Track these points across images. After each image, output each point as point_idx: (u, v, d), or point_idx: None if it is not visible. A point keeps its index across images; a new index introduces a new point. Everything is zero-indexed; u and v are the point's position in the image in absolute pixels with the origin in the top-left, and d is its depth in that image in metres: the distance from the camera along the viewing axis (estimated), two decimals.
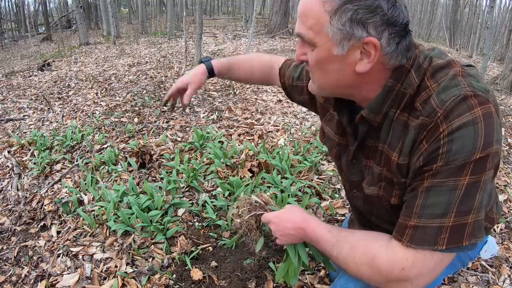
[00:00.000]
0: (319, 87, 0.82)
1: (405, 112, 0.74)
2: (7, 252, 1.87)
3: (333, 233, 0.83)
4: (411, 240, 0.71)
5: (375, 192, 0.84)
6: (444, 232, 0.68)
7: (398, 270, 0.71)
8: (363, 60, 0.70)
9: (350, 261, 0.78)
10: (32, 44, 13.53)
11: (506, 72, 5.53)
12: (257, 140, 3.01)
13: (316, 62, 0.75)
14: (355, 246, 0.78)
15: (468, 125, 0.64)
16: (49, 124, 3.78)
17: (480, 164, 0.65)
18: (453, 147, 0.65)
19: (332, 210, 2.01)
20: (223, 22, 17.77)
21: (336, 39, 0.69)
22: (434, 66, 0.72)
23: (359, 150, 0.86)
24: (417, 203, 0.71)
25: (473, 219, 0.68)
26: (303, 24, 0.72)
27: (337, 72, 0.74)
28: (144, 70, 6.07)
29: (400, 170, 0.76)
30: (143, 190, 2.21)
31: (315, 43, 0.72)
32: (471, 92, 0.66)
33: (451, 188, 0.67)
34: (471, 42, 14.90)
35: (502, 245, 1.85)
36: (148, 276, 1.60)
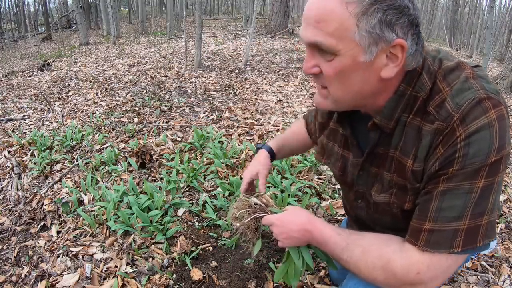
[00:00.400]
0: (335, 100, 0.75)
1: (418, 116, 0.72)
2: (7, 252, 1.87)
3: (342, 236, 0.80)
4: (426, 244, 0.70)
5: (386, 199, 0.82)
6: (459, 235, 0.68)
7: (413, 274, 0.70)
8: (389, 64, 0.67)
9: (362, 265, 0.76)
10: (32, 44, 13.53)
11: (506, 72, 5.54)
12: (257, 140, 3.01)
13: (336, 72, 0.68)
14: (368, 250, 0.76)
15: (484, 129, 0.64)
16: (49, 124, 3.78)
17: (494, 166, 0.65)
18: (470, 150, 0.65)
19: (332, 210, 2.01)
20: (223, 22, 17.77)
21: (364, 44, 0.64)
22: (444, 69, 0.71)
23: (367, 159, 0.84)
24: (432, 206, 0.70)
25: (486, 220, 0.68)
26: (319, 30, 0.65)
27: (361, 81, 0.69)
28: (144, 70, 6.07)
29: (415, 176, 0.75)
30: (143, 190, 2.21)
31: (337, 51, 0.65)
32: (485, 94, 0.66)
33: (466, 191, 0.66)
34: (471, 42, 14.90)
35: (502, 245, 1.85)
36: (148, 276, 1.60)
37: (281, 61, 6.54)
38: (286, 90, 4.69)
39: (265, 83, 5.05)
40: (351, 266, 0.79)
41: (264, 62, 6.51)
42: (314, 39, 0.66)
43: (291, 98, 4.34)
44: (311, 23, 0.66)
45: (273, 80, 5.18)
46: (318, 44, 0.66)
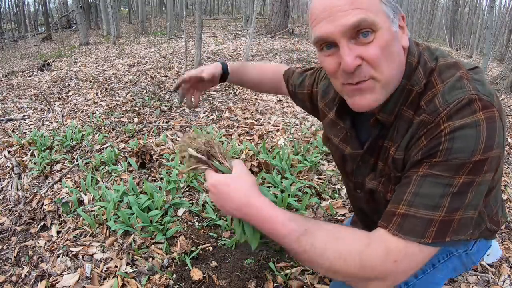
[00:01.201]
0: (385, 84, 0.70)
1: (411, 109, 0.74)
2: (7, 252, 1.87)
3: (298, 222, 0.69)
4: (398, 229, 0.68)
5: (374, 186, 0.83)
6: (433, 226, 0.67)
7: (391, 262, 0.67)
8: (403, 34, 0.73)
9: (331, 251, 0.67)
10: (32, 44, 13.53)
11: (506, 72, 5.53)
12: (257, 140, 3.01)
13: (383, 48, 0.67)
14: (337, 236, 0.69)
15: (470, 127, 0.64)
16: (49, 124, 3.78)
17: (478, 166, 0.65)
18: (454, 145, 0.65)
19: (332, 210, 2.01)
20: (223, 22, 17.77)
21: (391, 15, 0.68)
22: (440, 66, 0.73)
23: (367, 152, 0.85)
24: (409, 190, 0.69)
25: (459, 217, 0.67)
26: (357, 9, 0.64)
27: (398, 53, 0.71)
28: (144, 70, 6.07)
29: (395, 164, 0.76)
30: (143, 190, 2.21)
31: (377, 25, 0.66)
32: (476, 96, 0.66)
33: (446, 183, 0.66)
34: (471, 42, 14.90)
35: (502, 245, 1.85)
36: (148, 276, 1.60)
37: (281, 61, 6.54)
38: None
39: None
40: (311, 256, 0.68)
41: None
42: (357, 19, 0.64)
43: None
44: (345, 9, 0.65)
45: None
46: (362, 22, 0.64)
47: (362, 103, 0.72)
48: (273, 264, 1.62)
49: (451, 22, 17.82)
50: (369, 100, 0.71)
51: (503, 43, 15.64)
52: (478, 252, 0.95)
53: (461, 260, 0.94)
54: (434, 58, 0.75)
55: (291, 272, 1.59)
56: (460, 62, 0.73)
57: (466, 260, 0.95)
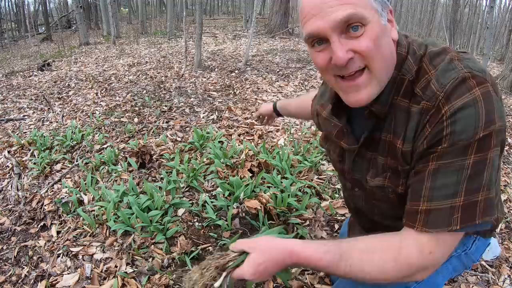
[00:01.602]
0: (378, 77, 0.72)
1: (406, 98, 0.74)
2: (7, 252, 1.87)
3: (331, 251, 0.74)
4: (425, 225, 0.70)
5: (380, 183, 0.82)
6: (456, 212, 0.68)
7: (427, 255, 0.70)
8: (392, 27, 0.74)
9: (368, 266, 0.72)
10: (32, 44, 13.53)
11: (506, 72, 5.53)
12: (257, 140, 3.01)
13: (373, 40, 0.69)
14: (369, 249, 0.73)
15: (469, 105, 0.65)
16: (49, 124, 3.78)
17: (484, 142, 0.66)
18: (456, 128, 0.66)
19: (332, 210, 2.01)
20: (223, 22, 17.77)
21: (379, 9, 0.70)
22: (430, 53, 0.74)
23: (363, 146, 0.85)
24: (425, 186, 0.70)
25: (483, 197, 0.68)
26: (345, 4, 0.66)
27: (389, 45, 0.73)
28: (144, 70, 6.07)
29: (404, 157, 0.76)
30: (143, 190, 2.21)
31: (366, 19, 0.68)
32: (469, 73, 0.67)
33: (458, 168, 0.67)
34: (471, 42, 14.90)
35: (502, 245, 1.85)
36: (148, 276, 1.60)
37: (281, 61, 6.54)
38: (286, 90, 4.69)
39: (265, 83, 5.05)
40: (354, 275, 0.73)
41: (264, 62, 6.51)
42: (346, 14, 0.66)
43: (291, 98, 4.34)
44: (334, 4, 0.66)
45: (273, 80, 5.18)
46: (351, 17, 0.66)
47: (357, 99, 0.74)
48: None
49: (451, 22, 17.82)
50: (364, 95, 0.73)
51: (503, 43, 15.66)
52: (477, 250, 0.95)
53: (460, 260, 0.94)
54: (424, 46, 0.77)
55: (291, 272, 1.59)
56: (448, 47, 0.75)
57: (465, 259, 0.95)
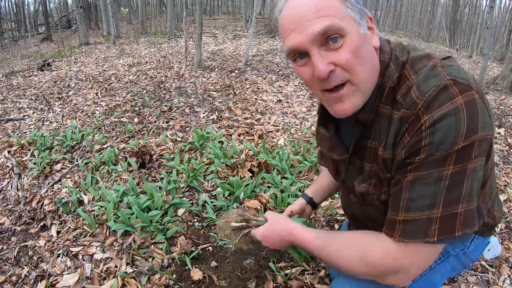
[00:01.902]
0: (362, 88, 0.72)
1: (388, 105, 0.74)
2: (7, 252, 1.87)
3: (320, 238, 0.85)
4: (402, 235, 0.71)
5: (364, 189, 0.83)
6: (434, 224, 0.67)
7: (390, 260, 0.72)
8: (373, 35, 0.74)
9: (341, 259, 0.80)
10: (32, 44, 13.53)
11: (506, 72, 5.53)
12: (257, 140, 3.01)
13: (353, 52, 0.68)
14: (344, 244, 0.81)
15: (450, 115, 0.63)
16: (49, 124, 3.78)
17: (463, 153, 0.64)
18: (435, 139, 0.64)
19: (332, 210, 2.01)
20: (223, 22, 17.77)
21: (358, 19, 0.70)
22: (411, 58, 0.74)
23: (353, 154, 0.85)
24: (403, 197, 0.70)
25: (463, 209, 0.67)
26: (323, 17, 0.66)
27: (370, 53, 0.73)
28: (144, 70, 6.07)
29: (385, 164, 0.75)
30: (143, 190, 2.21)
31: (344, 30, 0.67)
32: (451, 80, 0.65)
33: (436, 179, 0.66)
34: (471, 42, 14.90)
35: (502, 245, 1.85)
36: (148, 276, 1.60)
37: (281, 61, 6.54)
38: (286, 90, 4.69)
39: (265, 83, 5.05)
40: (332, 263, 0.83)
41: (264, 62, 6.51)
42: (323, 26, 0.66)
43: (291, 98, 4.34)
44: (311, 18, 0.67)
45: (273, 80, 5.18)
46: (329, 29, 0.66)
47: (342, 109, 0.75)
48: (273, 264, 1.62)
49: (451, 22, 17.82)
50: (349, 105, 0.74)
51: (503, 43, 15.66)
52: (476, 249, 0.94)
53: (459, 259, 0.94)
54: (406, 51, 0.76)
55: (291, 272, 1.59)
56: (432, 53, 0.74)
57: (464, 259, 0.95)
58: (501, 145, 3.14)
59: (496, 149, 3.00)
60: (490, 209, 0.88)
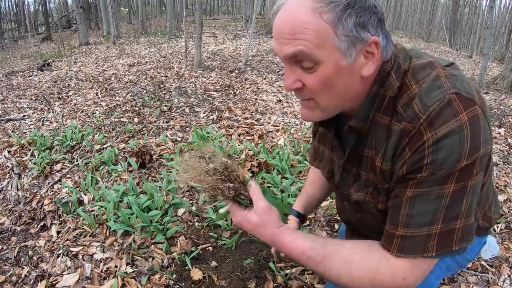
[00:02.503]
0: (324, 109, 0.74)
1: (387, 115, 0.72)
2: (7, 252, 1.87)
3: (316, 249, 0.76)
4: (400, 250, 0.70)
5: (361, 197, 0.82)
6: (432, 240, 0.67)
7: (400, 281, 0.71)
8: (368, 63, 0.68)
9: (345, 277, 0.75)
10: (32, 44, 13.53)
11: (506, 72, 5.54)
12: (257, 140, 3.01)
13: (322, 82, 0.68)
14: (350, 261, 0.74)
15: (454, 133, 0.62)
16: (49, 124, 3.78)
17: (466, 171, 0.64)
18: (438, 157, 0.63)
19: (332, 210, 2.01)
20: (223, 22, 17.78)
21: (343, 48, 0.65)
22: (414, 67, 0.71)
23: (348, 160, 0.84)
24: (403, 212, 0.69)
25: (461, 224, 0.67)
26: (298, 41, 0.64)
27: (346, 84, 0.70)
28: (144, 70, 6.07)
29: (383, 175, 0.74)
30: (143, 190, 2.21)
31: (319, 59, 0.65)
32: (455, 94, 0.63)
33: (436, 197, 0.65)
34: (471, 42, 14.90)
35: (502, 245, 1.85)
36: (148, 276, 1.60)
37: (281, 61, 6.54)
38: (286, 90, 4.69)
39: (265, 83, 5.05)
40: (330, 278, 0.77)
41: (264, 62, 6.51)
42: (294, 50, 0.65)
43: (291, 98, 4.34)
44: (287, 38, 0.65)
45: (273, 80, 5.18)
46: (299, 54, 0.65)
47: (304, 116, 0.78)
48: (273, 264, 1.62)
49: (451, 22, 17.83)
50: (309, 115, 0.77)
51: (503, 43, 15.67)
52: (472, 249, 0.94)
53: (454, 259, 0.93)
54: (408, 58, 0.73)
55: (291, 272, 1.59)
56: (435, 60, 0.71)
57: (460, 258, 0.94)
58: (501, 145, 3.14)
59: (496, 149, 3.00)
60: (486, 212, 0.88)
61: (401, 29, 23.87)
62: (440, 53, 12.29)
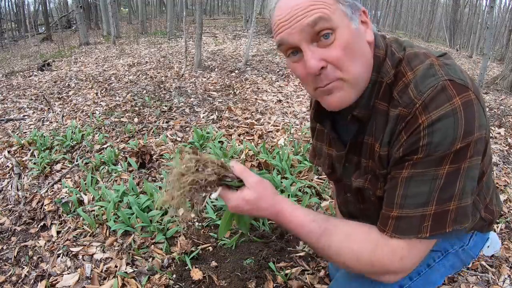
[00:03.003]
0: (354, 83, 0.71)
1: (384, 101, 0.74)
2: (7, 252, 1.87)
3: (317, 222, 0.76)
4: (395, 231, 0.72)
5: (361, 184, 0.83)
6: (427, 220, 0.69)
7: (397, 260, 0.72)
8: (366, 30, 0.73)
9: (346, 251, 0.74)
10: (32, 44, 13.53)
11: (506, 72, 5.54)
12: (257, 140, 3.01)
13: (344, 48, 0.68)
14: (352, 235, 0.75)
15: (448, 116, 0.64)
16: (49, 124, 3.78)
17: (460, 153, 0.65)
18: (433, 139, 0.65)
19: (332, 210, 2.01)
20: (223, 22, 17.78)
21: (349, 13, 0.69)
22: (408, 55, 0.73)
23: (349, 151, 0.85)
24: (398, 193, 0.71)
25: (455, 206, 0.69)
26: (313, 11, 0.67)
27: (362, 49, 0.72)
28: (144, 70, 6.07)
29: (381, 161, 0.76)
30: (143, 190, 2.21)
31: (336, 25, 0.68)
32: (448, 81, 0.66)
33: (431, 178, 0.67)
34: (471, 42, 14.91)
35: (502, 245, 1.85)
36: (148, 276, 1.60)
37: (281, 61, 6.54)
38: (286, 90, 4.69)
39: (265, 83, 5.05)
40: (330, 253, 0.76)
41: (264, 62, 6.51)
42: (313, 18, 0.66)
43: (291, 98, 4.34)
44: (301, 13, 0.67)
45: (273, 80, 5.18)
46: (318, 21, 0.66)
47: (333, 101, 0.74)
48: (273, 264, 1.62)
49: (451, 22, 17.83)
50: (339, 98, 0.73)
51: (503, 43, 15.67)
52: (475, 246, 0.94)
53: (458, 256, 0.93)
54: (402, 48, 0.76)
55: (291, 272, 1.59)
56: (428, 51, 0.74)
57: (463, 256, 0.94)
58: (501, 145, 3.14)
59: (496, 149, 3.00)
60: (488, 204, 0.88)
61: (401, 29, 23.87)
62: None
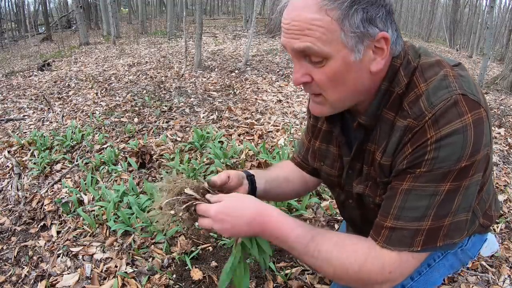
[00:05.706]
0: (333, 105, 0.74)
1: (392, 111, 0.72)
2: (7, 252, 1.87)
3: (305, 227, 0.74)
4: (386, 241, 0.70)
5: (361, 190, 0.82)
6: (420, 235, 0.68)
7: (386, 273, 0.70)
8: (376, 58, 0.68)
9: (335, 259, 0.72)
10: (32, 44, 13.52)
11: (506, 72, 5.54)
12: (257, 140, 3.01)
13: (331, 77, 0.68)
14: (342, 243, 0.73)
15: (458, 133, 0.62)
16: (49, 124, 3.78)
17: (464, 171, 0.64)
18: (440, 154, 0.64)
19: (332, 210, 2.01)
20: (223, 22, 17.78)
21: (351, 44, 0.65)
22: (422, 65, 0.71)
23: (354, 158, 0.84)
24: (395, 204, 0.70)
25: (449, 222, 0.68)
26: (306, 37, 0.65)
27: (355, 80, 0.69)
28: (144, 70, 6.07)
29: (382, 170, 0.75)
30: (143, 190, 2.21)
31: (327, 55, 0.65)
32: (462, 95, 0.64)
33: (431, 193, 0.66)
34: (471, 42, 14.90)
35: (502, 245, 1.85)
36: (148, 276, 1.60)
37: (281, 61, 6.55)
38: (286, 90, 4.69)
39: (265, 83, 5.05)
40: (318, 262, 0.73)
41: (264, 62, 6.51)
42: (302, 46, 0.65)
43: (291, 98, 4.34)
44: (296, 33, 0.66)
45: (273, 80, 5.18)
46: (307, 50, 0.66)
47: (314, 109, 0.78)
48: (273, 264, 1.62)
49: (451, 22, 17.83)
50: (320, 109, 0.77)
51: (503, 43, 15.68)
52: (473, 246, 0.94)
53: (457, 256, 0.94)
54: (417, 56, 0.73)
55: (291, 272, 1.59)
56: (443, 60, 0.72)
57: (462, 256, 0.95)
58: (501, 145, 3.14)
59: (496, 149, 3.00)
60: (487, 211, 0.88)
61: (401, 29, 23.82)
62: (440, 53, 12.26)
